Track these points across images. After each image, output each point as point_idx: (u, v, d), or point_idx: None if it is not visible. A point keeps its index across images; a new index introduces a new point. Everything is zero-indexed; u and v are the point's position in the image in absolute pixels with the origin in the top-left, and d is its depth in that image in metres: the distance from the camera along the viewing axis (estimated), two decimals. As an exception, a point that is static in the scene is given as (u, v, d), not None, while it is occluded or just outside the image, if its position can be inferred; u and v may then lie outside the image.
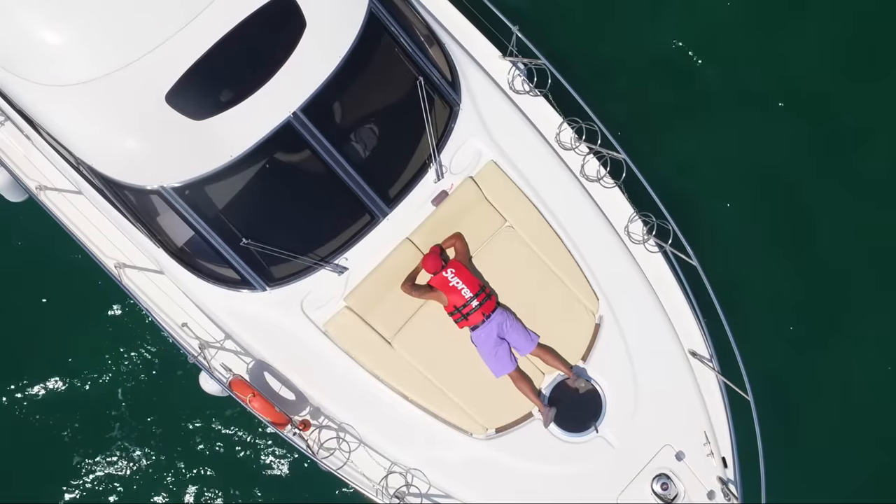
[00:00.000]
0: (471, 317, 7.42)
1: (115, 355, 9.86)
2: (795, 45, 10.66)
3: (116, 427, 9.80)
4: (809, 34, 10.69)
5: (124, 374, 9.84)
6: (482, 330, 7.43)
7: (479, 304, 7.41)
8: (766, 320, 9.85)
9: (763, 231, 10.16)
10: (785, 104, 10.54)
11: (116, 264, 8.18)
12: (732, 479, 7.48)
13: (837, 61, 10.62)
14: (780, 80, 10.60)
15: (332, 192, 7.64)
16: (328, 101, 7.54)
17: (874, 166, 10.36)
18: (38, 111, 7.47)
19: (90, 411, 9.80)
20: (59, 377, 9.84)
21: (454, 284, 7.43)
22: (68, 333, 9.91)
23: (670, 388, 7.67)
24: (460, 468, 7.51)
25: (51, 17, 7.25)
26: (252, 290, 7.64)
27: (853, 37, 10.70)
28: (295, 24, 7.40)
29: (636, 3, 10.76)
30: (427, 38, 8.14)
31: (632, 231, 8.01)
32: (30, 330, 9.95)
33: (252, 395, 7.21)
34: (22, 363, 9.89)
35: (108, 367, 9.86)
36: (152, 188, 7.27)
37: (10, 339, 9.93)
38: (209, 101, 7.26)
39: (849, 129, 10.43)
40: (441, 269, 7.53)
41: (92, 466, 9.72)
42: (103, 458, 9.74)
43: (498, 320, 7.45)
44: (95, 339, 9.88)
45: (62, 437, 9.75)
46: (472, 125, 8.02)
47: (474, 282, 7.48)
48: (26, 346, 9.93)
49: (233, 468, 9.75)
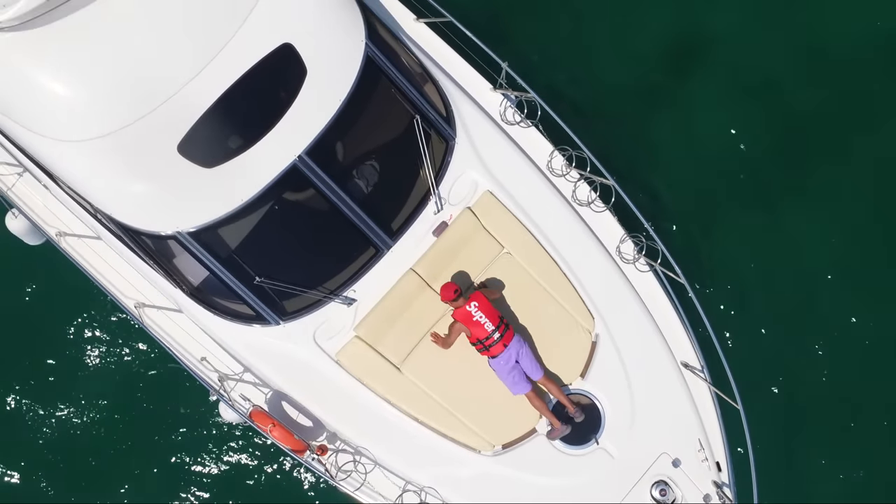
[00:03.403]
0: (492, 348, 7.76)
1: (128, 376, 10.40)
2: (780, 63, 11.05)
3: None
4: (791, 60, 11.09)
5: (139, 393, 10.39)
6: (501, 358, 7.78)
7: (500, 335, 7.75)
8: (753, 330, 10.26)
9: (748, 247, 10.56)
10: (770, 124, 10.94)
11: (136, 304, 8.58)
12: (727, 483, 7.87)
13: (821, 81, 11.02)
14: (764, 100, 10.99)
15: (338, 229, 8.04)
16: (331, 142, 7.95)
17: (851, 176, 10.76)
18: (57, 165, 7.86)
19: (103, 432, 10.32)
20: (76, 397, 10.36)
21: (478, 319, 7.72)
22: (82, 356, 10.43)
23: (665, 399, 8.05)
24: (470, 484, 7.90)
25: (66, 79, 7.62)
26: (266, 325, 8.04)
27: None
28: (296, 72, 7.80)
29: (618, 31, 11.18)
30: (421, 76, 8.54)
31: (623, 251, 8.39)
32: (47, 352, 10.48)
33: (272, 426, 7.63)
34: (36, 385, 10.41)
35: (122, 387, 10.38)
36: (169, 234, 7.66)
37: (33, 362, 10.45)
38: (219, 149, 7.66)
39: (829, 144, 10.85)
40: (458, 299, 7.80)
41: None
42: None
43: (515, 348, 7.80)
44: (109, 363, 10.41)
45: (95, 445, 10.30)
46: (468, 157, 8.42)
47: (495, 314, 7.78)
48: (45, 365, 10.43)
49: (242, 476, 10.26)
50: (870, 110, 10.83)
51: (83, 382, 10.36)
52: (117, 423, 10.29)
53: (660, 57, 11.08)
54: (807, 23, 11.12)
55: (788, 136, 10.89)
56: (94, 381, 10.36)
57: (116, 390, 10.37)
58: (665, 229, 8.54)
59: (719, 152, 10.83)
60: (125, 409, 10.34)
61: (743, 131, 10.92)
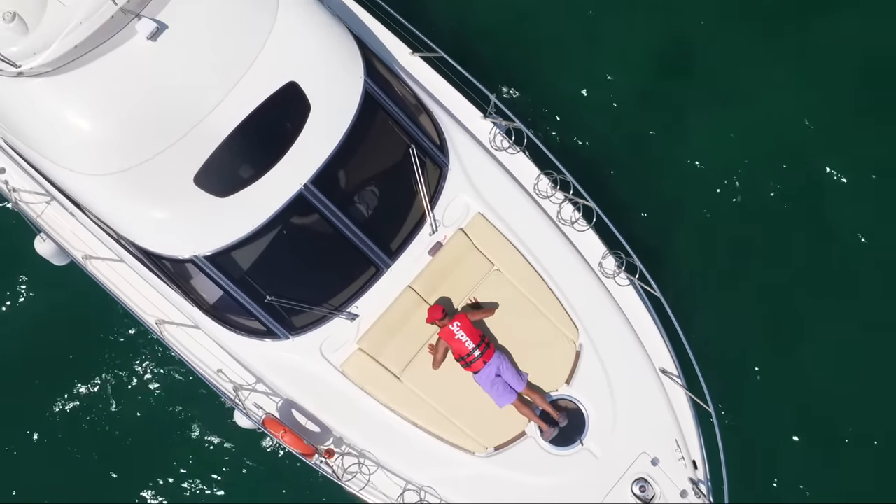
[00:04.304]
0: (473, 364, 8.32)
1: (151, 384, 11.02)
2: (755, 90, 11.57)
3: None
4: (768, 79, 11.65)
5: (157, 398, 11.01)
6: (482, 373, 8.34)
7: (480, 353, 8.30)
8: (726, 338, 10.77)
9: (721, 261, 11.09)
10: (743, 144, 11.45)
11: (157, 321, 9.12)
12: (702, 479, 8.37)
13: (798, 97, 11.58)
14: (738, 123, 11.51)
15: (341, 250, 8.59)
16: (334, 171, 8.50)
17: (819, 188, 11.34)
18: (84, 196, 8.46)
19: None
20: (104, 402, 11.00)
21: (459, 338, 8.29)
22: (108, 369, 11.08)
23: (644, 403, 8.55)
24: (466, 483, 8.44)
25: (91, 119, 8.21)
26: (276, 339, 8.63)
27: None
28: (301, 108, 8.35)
29: (598, 62, 11.77)
30: (416, 107, 9.07)
31: (605, 267, 8.90)
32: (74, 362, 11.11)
33: (283, 432, 8.21)
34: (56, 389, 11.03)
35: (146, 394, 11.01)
36: (186, 258, 8.26)
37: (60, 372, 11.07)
38: (232, 179, 8.22)
39: (804, 162, 11.44)
40: (444, 319, 8.35)
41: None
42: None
43: (496, 363, 8.34)
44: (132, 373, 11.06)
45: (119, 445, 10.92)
46: (460, 182, 8.95)
47: (476, 334, 8.33)
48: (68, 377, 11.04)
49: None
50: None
51: (107, 390, 10.93)
52: (138, 426, 10.87)
53: (635, 88, 11.69)
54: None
55: (766, 161, 11.41)
56: (117, 388, 10.93)
57: (138, 397, 10.94)
58: (643, 247, 9.02)
59: (695, 176, 11.34)
60: (146, 415, 10.89)
61: (717, 156, 11.46)
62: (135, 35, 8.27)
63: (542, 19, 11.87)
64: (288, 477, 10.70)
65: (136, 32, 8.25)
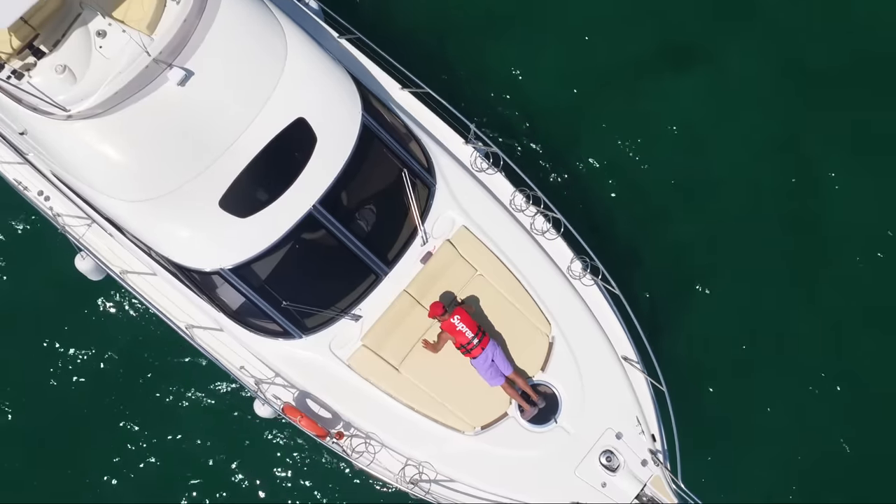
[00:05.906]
0: (473, 351, 9.32)
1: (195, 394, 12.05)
2: (717, 105, 12.69)
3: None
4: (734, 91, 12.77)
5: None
6: (480, 359, 9.36)
7: (478, 341, 9.30)
8: (678, 328, 11.85)
9: (674, 260, 12.17)
10: (711, 155, 12.53)
11: (187, 326, 10.16)
12: (660, 450, 9.37)
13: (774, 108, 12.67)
14: (699, 128, 12.61)
15: (346, 260, 9.64)
16: (338, 193, 9.55)
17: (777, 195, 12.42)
18: (123, 219, 9.51)
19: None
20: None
21: (460, 329, 9.27)
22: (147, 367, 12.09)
23: (609, 386, 9.54)
24: (457, 458, 9.43)
25: (130, 153, 9.26)
26: (291, 339, 9.69)
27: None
28: (309, 140, 9.43)
29: (563, 87, 12.88)
30: (406, 135, 10.13)
31: (572, 269, 9.95)
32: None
33: (300, 417, 9.36)
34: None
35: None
36: (212, 270, 9.35)
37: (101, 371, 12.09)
38: (251, 202, 9.27)
39: (774, 174, 12.54)
40: (444, 315, 9.35)
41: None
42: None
43: (491, 350, 9.37)
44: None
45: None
46: (447, 200, 10.00)
47: (474, 325, 9.33)
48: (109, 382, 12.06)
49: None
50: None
51: (142, 387, 11.90)
52: (172, 418, 11.87)
53: (595, 103, 12.86)
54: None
55: (715, 169, 12.49)
56: (149, 385, 11.92)
57: (169, 393, 11.89)
58: (605, 251, 10.07)
59: (651, 185, 12.46)
60: (175, 408, 11.87)
61: (678, 162, 12.55)
62: (166, 82, 9.33)
63: (510, 57, 13.03)
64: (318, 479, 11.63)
65: (167, 80, 9.32)
